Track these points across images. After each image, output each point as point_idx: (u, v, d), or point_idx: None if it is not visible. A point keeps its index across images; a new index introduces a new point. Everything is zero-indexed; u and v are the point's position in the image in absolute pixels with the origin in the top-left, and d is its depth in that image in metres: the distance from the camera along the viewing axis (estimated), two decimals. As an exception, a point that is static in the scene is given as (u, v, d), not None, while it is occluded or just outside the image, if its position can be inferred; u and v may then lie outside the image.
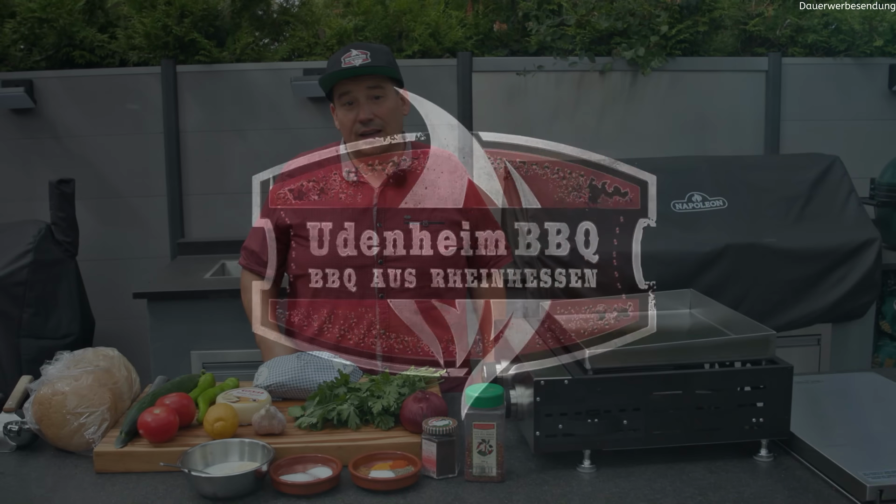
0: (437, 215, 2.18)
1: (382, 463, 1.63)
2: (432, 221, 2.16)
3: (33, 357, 3.35)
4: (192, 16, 3.89)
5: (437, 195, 2.21)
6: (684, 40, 4.14)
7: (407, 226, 2.14)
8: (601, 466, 1.65)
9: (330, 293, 2.13)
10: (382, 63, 2.11)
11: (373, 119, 2.12)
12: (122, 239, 4.07)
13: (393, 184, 2.18)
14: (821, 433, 1.71)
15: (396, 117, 2.18)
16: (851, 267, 3.22)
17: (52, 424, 1.72)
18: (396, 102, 2.18)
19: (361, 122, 2.12)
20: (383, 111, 2.13)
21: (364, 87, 2.11)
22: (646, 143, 4.17)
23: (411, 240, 2.13)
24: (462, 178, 2.25)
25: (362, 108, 2.12)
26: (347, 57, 2.10)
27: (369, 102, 2.12)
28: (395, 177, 2.18)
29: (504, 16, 4.19)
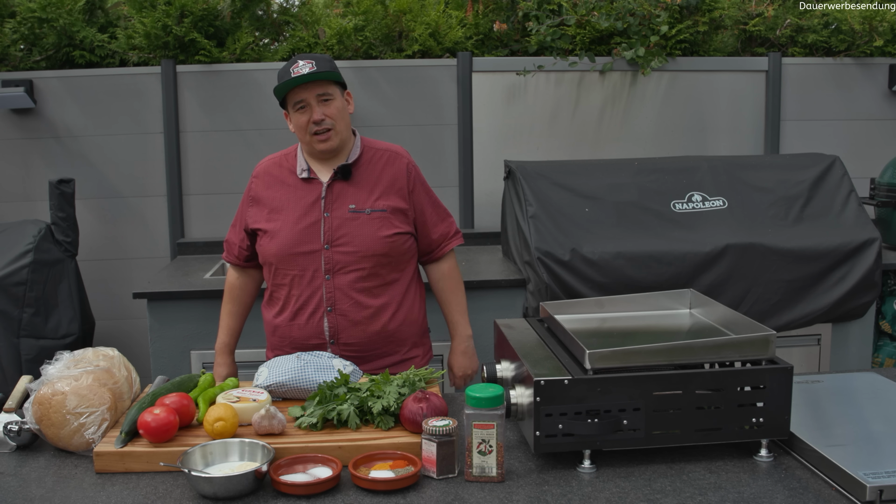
0: (379, 204, 2.37)
1: (382, 463, 1.63)
2: (375, 210, 2.36)
3: (33, 357, 3.36)
4: (192, 16, 3.89)
5: (381, 186, 2.39)
6: (684, 40, 4.14)
7: (352, 214, 2.35)
8: (601, 466, 1.65)
9: (285, 277, 2.38)
10: (327, 69, 2.32)
11: (324, 119, 2.32)
12: (122, 239, 4.07)
13: (340, 177, 2.38)
14: (821, 433, 1.71)
15: (344, 116, 2.38)
16: (851, 267, 3.22)
17: (52, 424, 1.72)
18: (343, 103, 2.39)
19: (314, 123, 2.32)
20: (332, 111, 2.33)
21: (314, 94, 2.31)
22: (646, 143, 4.17)
23: (355, 226, 2.34)
24: (405, 168, 2.44)
25: (314, 110, 2.32)
26: (295, 67, 2.31)
27: (319, 105, 2.32)
28: (341, 170, 2.37)
29: (504, 16, 4.19)
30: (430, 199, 2.49)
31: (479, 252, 3.83)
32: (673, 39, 4.10)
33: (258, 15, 4.20)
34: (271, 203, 2.42)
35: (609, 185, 3.32)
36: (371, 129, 4.04)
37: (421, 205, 2.45)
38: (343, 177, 2.38)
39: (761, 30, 4.25)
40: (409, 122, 4.08)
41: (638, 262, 3.09)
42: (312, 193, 2.38)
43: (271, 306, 2.47)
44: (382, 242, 2.35)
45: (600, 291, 3.03)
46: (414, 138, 4.08)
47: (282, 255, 2.37)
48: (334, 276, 2.34)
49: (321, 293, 2.35)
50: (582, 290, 3.06)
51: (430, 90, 4.08)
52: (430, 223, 2.47)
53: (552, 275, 3.07)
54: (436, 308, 2.62)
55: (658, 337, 1.94)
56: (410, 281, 2.47)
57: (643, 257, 3.11)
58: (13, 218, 3.88)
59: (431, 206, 2.48)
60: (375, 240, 2.34)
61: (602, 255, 3.09)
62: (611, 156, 4.09)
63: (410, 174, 2.44)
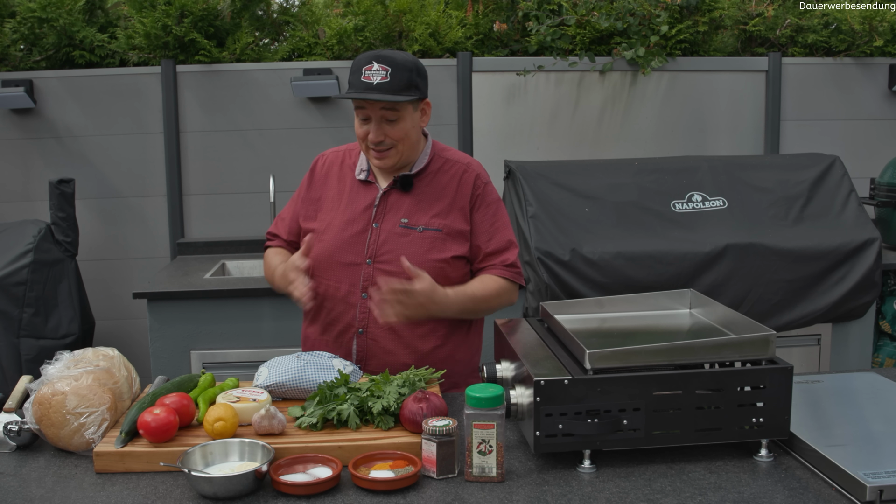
0: (435, 222, 2.12)
1: (382, 463, 1.62)
2: (429, 228, 2.12)
3: (33, 357, 3.36)
4: (192, 16, 3.89)
5: (442, 202, 2.14)
6: (684, 40, 4.14)
7: (402, 229, 2.11)
8: (601, 466, 1.65)
9: (320, 286, 2.14)
10: (401, 84, 2.01)
11: (383, 140, 2.06)
12: (122, 239, 4.07)
13: (399, 186, 2.14)
14: (821, 433, 1.71)
15: (411, 135, 2.09)
16: (851, 267, 3.22)
17: (52, 424, 1.72)
18: (413, 120, 2.09)
19: (372, 142, 2.07)
20: (396, 133, 2.06)
21: (378, 108, 2.03)
22: (646, 143, 4.17)
23: (403, 244, 2.10)
24: (472, 183, 2.18)
25: (374, 128, 2.05)
26: (368, 69, 2.01)
27: (382, 124, 2.05)
28: (401, 180, 2.14)
29: (504, 16, 4.19)
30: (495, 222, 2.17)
31: (479, 252, 3.82)
32: (673, 39, 4.10)
33: (258, 15, 4.20)
34: (323, 200, 2.20)
35: (609, 185, 3.32)
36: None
37: (479, 224, 2.16)
38: (402, 188, 2.14)
39: (761, 30, 4.25)
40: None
41: (638, 262, 3.09)
42: (366, 199, 2.15)
43: (306, 314, 2.24)
44: (431, 266, 2.06)
45: (600, 291, 3.03)
46: (414, 138, 4.08)
47: (321, 262, 2.13)
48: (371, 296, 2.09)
49: (354, 312, 2.12)
50: (582, 290, 3.06)
51: (430, 90, 4.06)
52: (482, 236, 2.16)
53: (552, 275, 3.07)
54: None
55: (658, 337, 1.94)
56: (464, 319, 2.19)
57: (643, 257, 3.11)
58: (13, 218, 3.88)
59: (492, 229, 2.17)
60: (423, 262, 2.07)
61: (602, 255, 3.09)
62: (611, 156, 4.09)
63: (476, 191, 2.17)
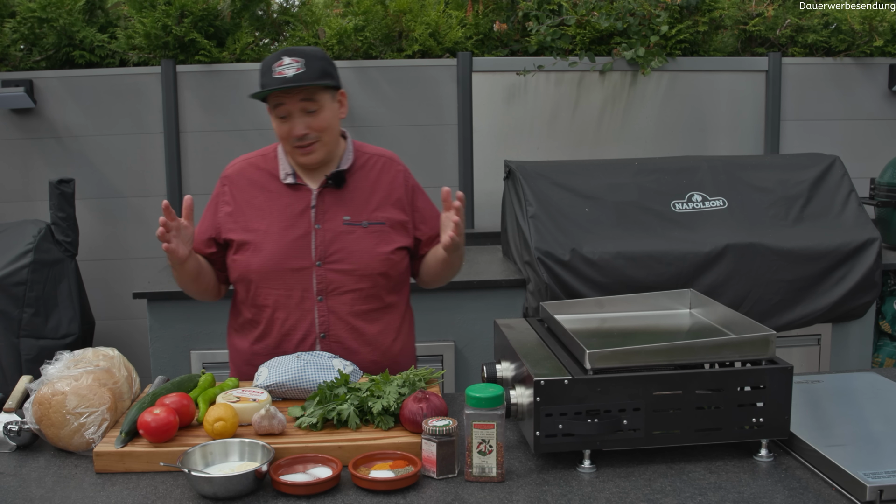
0: (377, 216, 2.13)
1: (382, 463, 1.62)
2: (373, 222, 2.12)
3: (33, 357, 3.36)
4: (192, 16, 3.89)
5: (377, 195, 2.15)
6: (684, 40, 4.14)
7: (347, 227, 2.11)
8: (601, 466, 1.65)
9: (268, 298, 2.12)
10: (316, 72, 1.99)
11: (307, 133, 2.03)
12: (122, 239, 4.07)
13: (332, 185, 2.12)
14: (821, 433, 1.71)
15: (333, 126, 2.08)
16: (851, 267, 3.22)
17: (52, 424, 1.72)
18: (332, 110, 2.07)
19: (296, 137, 2.04)
20: (318, 124, 2.04)
21: (297, 100, 2.01)
22: (646, 143, 4.17)
23: (351, 241, 2.10)
24: (402, 177, 2.20)
25: (296, 122, 2.02)
26: (279, 65, 1.99)
27: (303, 116, 2.02)
28: (333, 178, 2.12)
29: (504, 16, 4.19)
30: (435, 209, 2.25)
31: (479, 252, 3.83)
32: (673, 39, 4.10)
33: (258, 15, 4.20)
34: (249, 211, 2.13)
35: (609, 185, 3.32)
36: (371, 128, 4.04)
37: (424, 213, 2.21)
38: (336, 185, 2.12)
39: (761, 30, 4.25)
40: (409, 122, 4.08)
41: (638, 262, 3.09)
42: (301, 202, 2.12)
43: (247, 332, 2.18)
44: (382, 259, 2.11)
45: (600, 291, 3.03)
46: (414, 138, 4.08)
47: (266, 272, 2.09)
48: (328, 298, 2.10)
49: (312, 317, 2.10)
50: (582, 290, 3.06)
51: (430, 90, 4.08)
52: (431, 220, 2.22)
53: (552, 275, 3.07)
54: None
55: (658, 337, 1.94)
56: (406, 307, 2.27)
57: (643, 257, 3.11)
58: (13, 218, 3.88)
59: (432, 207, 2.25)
60: (374, 256, 2.10)
61: (602, 255, 3.09)
62: (611, 156, 4.09)
63: (408, 183, 2.21)
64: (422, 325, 3.24)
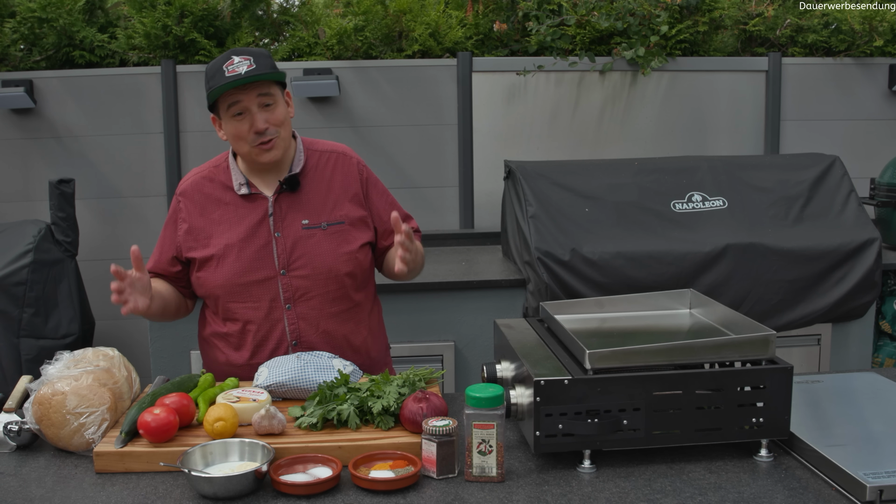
0: (335, 215, 2.11)
1: (382, 463, 1.63)
2: (331, 222, 2.11)
3: (33, 357, 3.36)
4: (192, 16, 3.89)
5: (333, 194, 2.13)
6: (684, 40, 4.14)
7: (307, 231, 2.09)
8: (601, 466, 1.65)
9: (237, 312, 2.11)
10: (267, 68, 2.00)
11: (268, 128, 2.02)
12: (122, 239, 4.07)
13: (287, 190, 2.10)
14: (821, 433, 1.71)
15: (287, 123, 2.08)
16: (851, 267, 3.22)
17: (52, 424, 1.72)
18: (285, 107, 2.08)
19: (257, 133, 2.02)
20: (276, 118, 2.04)
21: (254, 96, 2.00)
22: (646, 143, 4.17)
23: (312, 245, 2.08)
24: (356, 170, 2.18)
25: (255, 117, 2.01)
26: (230, 65, 1.97)
27: (261, 111, 2.02)
28: (287, 182, 2.10)
29: (504, 16, 4.20)
30: (388, 199, 2.22)
31: (479, 252, 3.83)
32: (673, 39, 4.10)
33: (258, 15, 4.20)
34: (207, 226, 2.11)
35: (609, 185, 3.32)
36: (371, 129, 4.04)
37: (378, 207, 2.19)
38: (290, 189, 2.10)
39: (761, 30, 4.25)
40: (409, 122, 4.08)
41: (638, 262, 3.09)
42: (257, 211, 2.09)
43: (219, 344, 2.17)
44: (346, 259, 2.10)
45: (600, 291, 3.03)
46: (414, 138, 4.08)
47: (231, 286, 2.07)
48: (296, 305, 2.09)
49: (282, 326, 2.09)
50: (582, 290, 3.06)
51: (430, 90, 4.08)
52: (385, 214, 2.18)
53: (552, 275, 3.07)
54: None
55: (658, 337, 1.94)
56: (374, 300, 2.26)
57: (643, 257, 3.11)
58: (13, 218, 3.88)
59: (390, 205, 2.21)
60: (337, 257, 2.09)
61: (602, 255, 3.09)
62: (611, 156, 4.09)
63: (362, 175, 2.18)
64: (422, 325, 3.25)
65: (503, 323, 2.07)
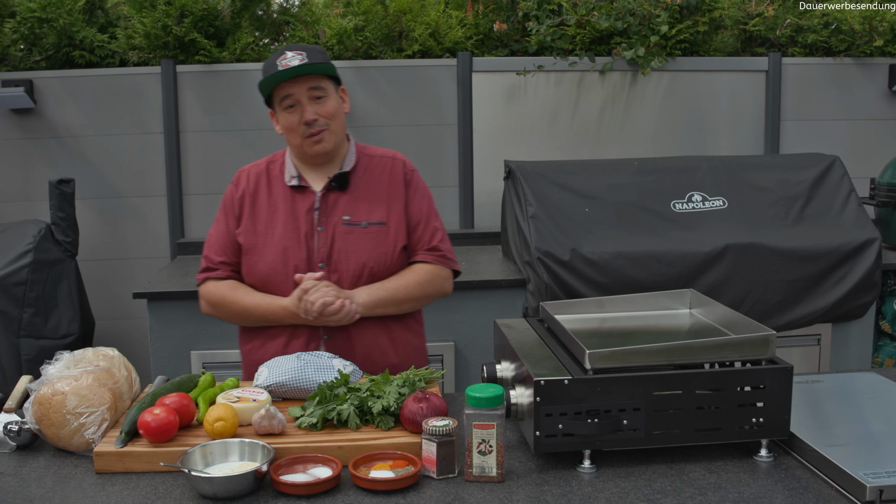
0: (377, 216, 2.15)
1: (382, 463, 1.62)
2: (372, 222, 2.14)
3: (33, 357, 3.36)
4: (192, 16, 3.89)
5: (379, 196, 2.18)
6: (684, 40, 4.14)
7: (346, 227, 2.13)
8: (601, 466, 1.65)
9: None
10: (319, 61, 2.06)
11: (317, 119, 2.08)
12: (122, 239, 4.07)
13: (335, 186, 2.15)
14: (821, 433, 1.71)
15: (339, 116, 2.14)
16: (851, 267, 3.22)
17: (52, 424, 1.72)
18: (338, 101, 2.14)
19: (306, 124, 2.08)
20: (326, 110, 2.09)
21: (305, 88, 2.07)
22: (646, 143, 4.17)
23: (350, 241, 2.12)
24: (402, 176, 2.21)
25: (305, 108, 2.07)
26: (283, 59, 2.05)
27: (312, 103, 2.08)
28: (336, 179, 2.15)
29: (504, 16, 4.20)
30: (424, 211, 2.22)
31: (479, 252, 3.83)
32: (673, 39, 4.10)
33: (258, 15, 4.20)
34: (256, 215, 2.17)
35: (609, 185, 3.32)
36: (371, 129, 4.04)
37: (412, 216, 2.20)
38: (339, 186, 2.15)
39: (761, 30, 4.25)
40: (409, 122, 4.08)
41: (638, 262, 3.09)
42: (304, 203, 2.15)
43: (253, 336, 2.20)
44: (382, 259, 2.13)
45: (600, 291, 3.03)
46: (414, 138, 4.08)
47: (271, 275, 2.12)
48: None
49: None
50: (582, 290, 3.06)
51: (430, 90, 4.08)
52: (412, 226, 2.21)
53: (552, 275, 3.07)
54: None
55: (658, 337, 1.94)
56: None
57: (643, 257, 3.11)
58: (13, 218, 3.88)
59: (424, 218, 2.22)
60: (374, 256, 2.12)
61: (602, 255, 3.09)
62: (611, 156, 4.09)
63: (408, 181, 2.22)
64: (422, 325, 3.25)
65: (503, 323, 2.07)
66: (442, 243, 2.25)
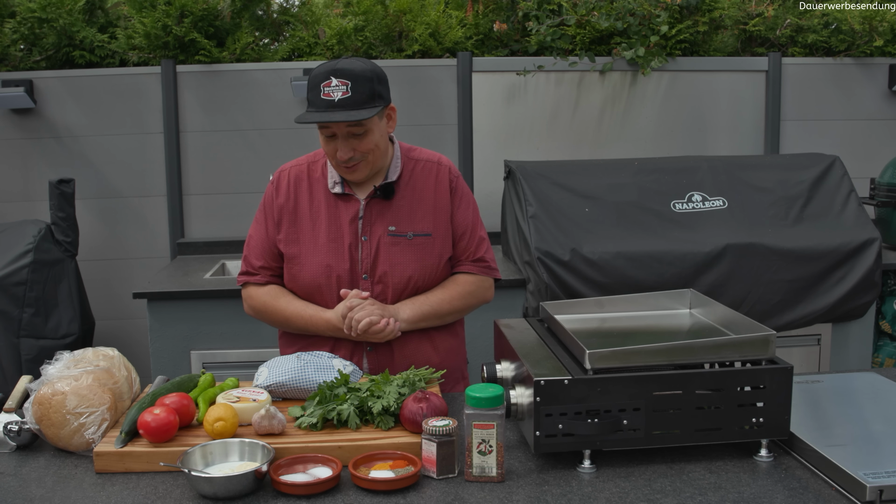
0: (423, 226, 2.10)
1: (382, 463, 1.62)
2: (418, 233, 2.09)
3: (33, 357, 3.36)
4: (192, 16, 3.89)
5: (424, 204, 2.12)
6: (684, 40, 4.14)
7: (392, 238, 2.08)
8: (601, 466, 1.65)
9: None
10: (364, 96, 1.93)
11: (353, 156, 1.99)
12: (122, 239, 4.07)
13: (380, 195, 2.09)
14: (821, 433, 1.71)
15: (380, 145, 2.03)
16: (851, 267, 3.22)
17: (52, 424, 1.72)
18: (380, 129, 2.02)
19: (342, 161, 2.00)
20: (365, 146, 1.99)
21: (344, 125, 1.96)
22: (646, 143, 4.17)
23: (395, 252, 2.08)
24: (450, 184, 2.15)
25: (341, 146, 1.98)
26: (327, 86, 1.93)
27: (349, 139, 1.98)
28: (382, 189, 2.09)
29: (504, 16, 4.19)
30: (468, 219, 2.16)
31: (479, 252, 3.83)
32: (673, 39, 4.10)
33: (258, 15, 4.20)
34: (297, 220, 2.10)
35: (609, 185, 3.33)
36: (371, 129, 4.04)
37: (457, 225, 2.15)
38: (385, 196, 2.08)
39: (761, 30, 4.25)
40: (409, 122, 4.08)
41: (638, 262, 3.09)
42: (348, 212, 2.08)
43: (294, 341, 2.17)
44: (428, 271, 2.09)
45: (600, 291, 3.03)
46: (414, 138, 4.08)
47: (313, 286, 2.08)
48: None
49: None
50: (582, 290, 3.06)
51: (430, 90, 4.08)
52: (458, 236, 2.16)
53: (552, 275, 3.07)
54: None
55: (658, 337, 1.94)
56: None
57: (643, 257, 3.11)
58: (13, 218, 3.88)
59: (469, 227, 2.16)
60: (419, 269, 2.08)
61: (602, 255, 3.09)
62: (611, 156, 4.09)
63: (453, 188, 2.14)
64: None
65: (503, 323, 2.07)
66: (487, 253, 2.21)
